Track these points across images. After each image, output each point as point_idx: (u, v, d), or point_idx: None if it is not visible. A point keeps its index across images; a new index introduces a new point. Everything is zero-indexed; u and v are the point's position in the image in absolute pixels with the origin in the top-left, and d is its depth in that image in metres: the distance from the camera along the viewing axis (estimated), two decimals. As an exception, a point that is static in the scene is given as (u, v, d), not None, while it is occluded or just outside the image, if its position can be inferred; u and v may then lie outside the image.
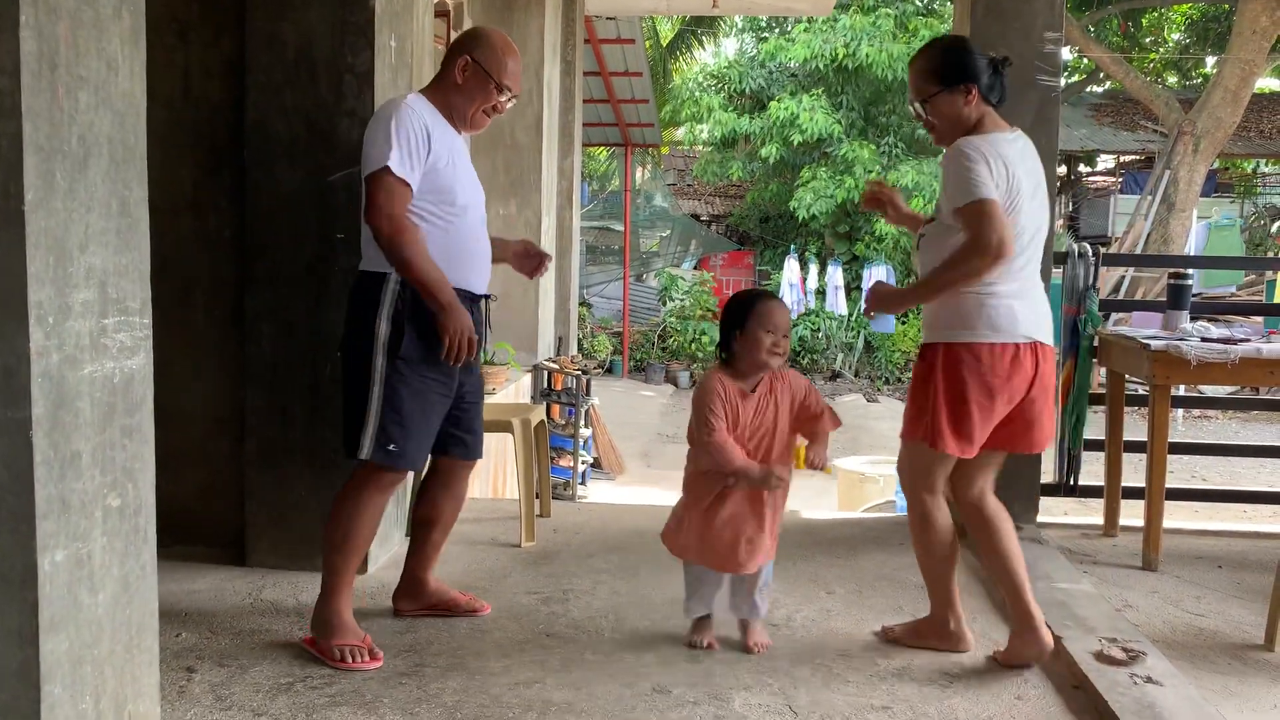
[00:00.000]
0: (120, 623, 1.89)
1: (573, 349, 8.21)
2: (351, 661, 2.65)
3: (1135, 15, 18.99)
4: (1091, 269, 4.19)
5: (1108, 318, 9.12)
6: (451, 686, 2.57)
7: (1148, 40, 20.37)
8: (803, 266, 15.40)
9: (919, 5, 15.86)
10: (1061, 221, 18.08)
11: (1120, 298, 12.93)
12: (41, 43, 1.62)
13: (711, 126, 16.19)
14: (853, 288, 15.38)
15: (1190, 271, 4.22)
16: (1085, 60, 19.19)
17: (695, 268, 17.71)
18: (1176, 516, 4.60)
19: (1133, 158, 19.38)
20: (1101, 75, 18.61)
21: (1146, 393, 3.86)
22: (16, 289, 1.60)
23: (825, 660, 2.80)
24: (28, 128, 1.60)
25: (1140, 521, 3.82)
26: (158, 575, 2.04)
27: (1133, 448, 4.15)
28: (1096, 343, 4.16)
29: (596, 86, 11.19)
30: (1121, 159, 20.04)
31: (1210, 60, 19.62)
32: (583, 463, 7.54)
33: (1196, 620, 3.26)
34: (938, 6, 16.14)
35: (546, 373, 7.22)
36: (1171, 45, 20.76)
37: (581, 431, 7.43)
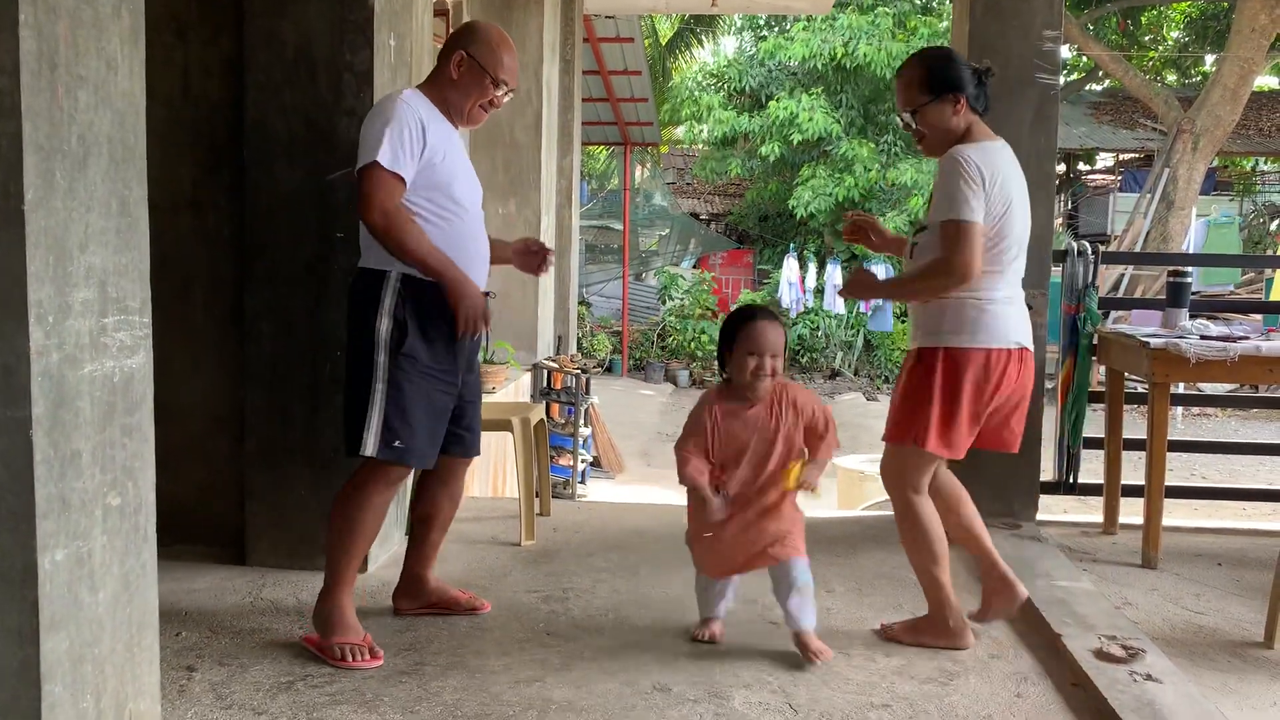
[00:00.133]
0: (120, 621, 1.89)
1: (572, 348, 8.21)
2: (352, 660, 2.65)
3: (1134, 13, 18.98)
4: (1091, 267, 4.20)
5: (1107, 316, 9.13)
6: (452, 685, 2.57)
7: (1147, 38, 20.36)
8: (801, 265, 15.39)
9: (917, 4, 15.85)
10: (1061, 220, 18.08)
11: (1119, 296, 12.95)
12: (41, 42, 1.62)
13: (712, 126, 16.18)
14: (852, 286, 15.35)
15: (1189, 269, 4.23)
16: (1084, 58, 19.19)
17: (694, 266, 17.71)
18: (1176, 514, 4.60)
19: (1132, 156, 19.36)
20: (1101, 73, 18.60)
21: (1146, 391, 3.87)
22: (16, 288, 1.60)
23: (825, 658, 2.80)
24: (27, 127, 1.60)
25: (1140, 519, 3.82)
26: (158, 574, 2.04)
27: (1132, 445, 4.16)
28: (1096, 341, 4.16)
29: (595, 85, 11.18)
30: (1121, 157, 20.03)
31: (1209, 58, 19.60)
32: (582, 461, 7.54)
33: (1196, 618, 3.27)
34: (936, 5, 16.12)
35: (546, 371, 7.22)
36: (1170, 43, 20.74)
37: (581, 430, 7.43)
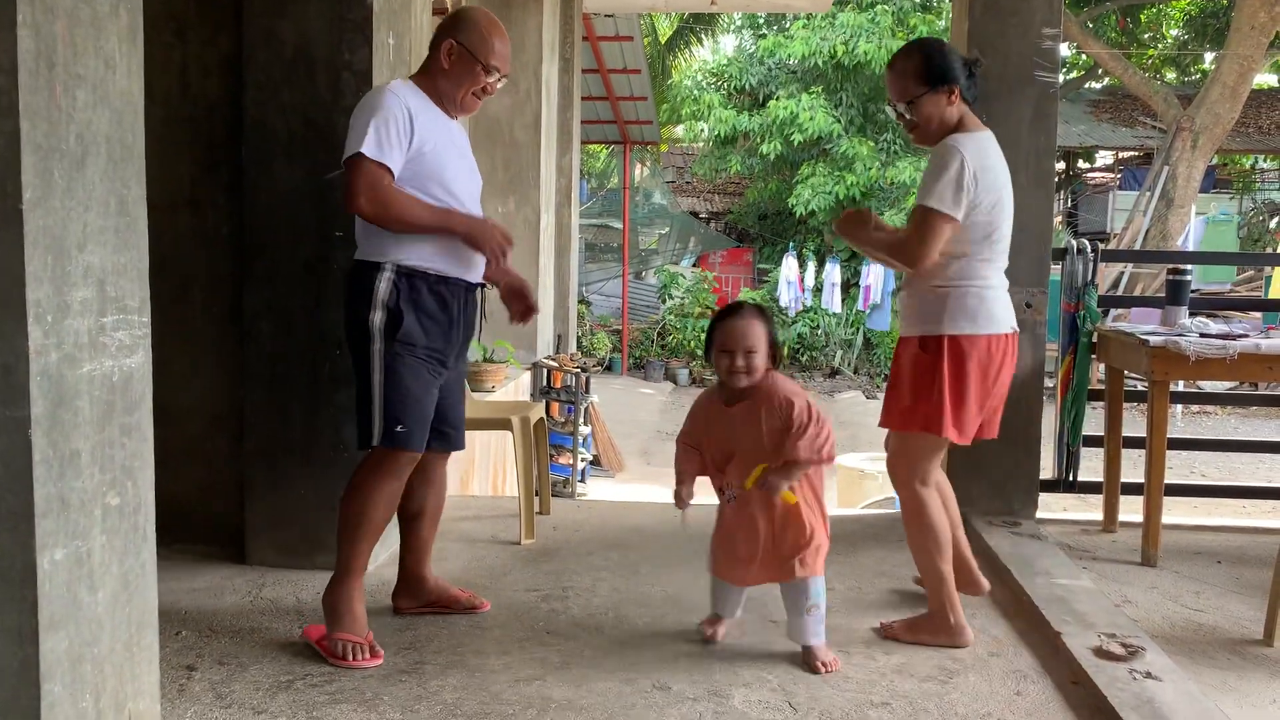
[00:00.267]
0: (120, 621, 1.89)
1: (572, 346, 8.21)
2: (352, 659, 2.65)
3: (1133, 11, 18.99)
4: (1090, 265, 4.20)
5: (1106, 314, 9.14)
6: (451, 684, 2.57)
7: (1146, 36, 20.36)
8: (801, 264, 15.40)
9: (917, 1, 15.84)
10: (1060, 218, 18.08)
11: (1119, 294, 12.95)
12: (39, 41, 1.62)
13: (712, 125, 16.19)
14: (851, 284, 15.38)
15: (1189, 267, 4.23)
16: (1084, 56, 19.20)
17: (694, 265, 17.72)
18: (1175, 512, 4.60)
19: (1131, 154, 19.37)
20: (1100, 71, 18.60)
21: (1145, 388, 3.87)
22: (15, 288, 1.60)
23: (825, 657, 2.80)
24: (25, 126, 1.59)
25: (1139, 517, 3.82)
26: (157, 573, 2.04)
27: (1132, 443, 4.16)
28: (1095, 339, 4.16)
29: (595, 84, 11.18)
30: (1120, 155, 20.04)
31: (1209, 56, 19.61)
32: (582, 460, 7.54)
33: (1195, 615, 3.27)
34: (935, 3, 16.10)
35: (546, 370, 7.23)
36: (1170, 41, 20.74)
37: (581, 429, 7.43)
